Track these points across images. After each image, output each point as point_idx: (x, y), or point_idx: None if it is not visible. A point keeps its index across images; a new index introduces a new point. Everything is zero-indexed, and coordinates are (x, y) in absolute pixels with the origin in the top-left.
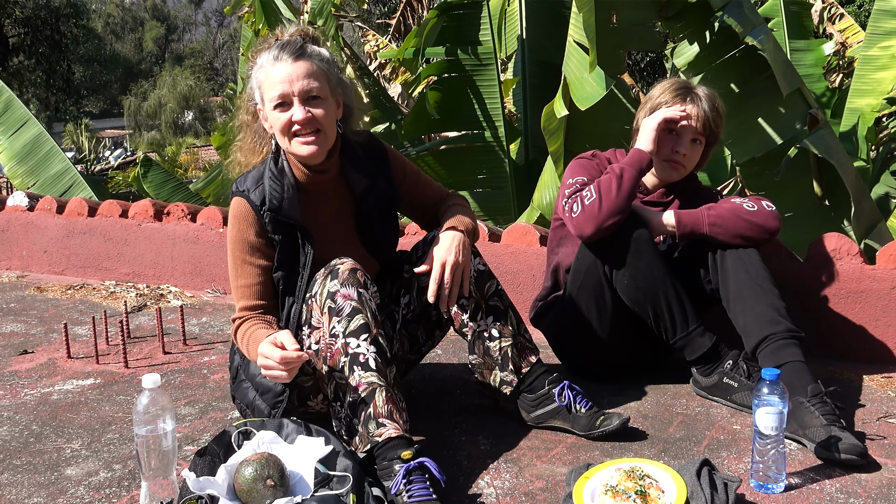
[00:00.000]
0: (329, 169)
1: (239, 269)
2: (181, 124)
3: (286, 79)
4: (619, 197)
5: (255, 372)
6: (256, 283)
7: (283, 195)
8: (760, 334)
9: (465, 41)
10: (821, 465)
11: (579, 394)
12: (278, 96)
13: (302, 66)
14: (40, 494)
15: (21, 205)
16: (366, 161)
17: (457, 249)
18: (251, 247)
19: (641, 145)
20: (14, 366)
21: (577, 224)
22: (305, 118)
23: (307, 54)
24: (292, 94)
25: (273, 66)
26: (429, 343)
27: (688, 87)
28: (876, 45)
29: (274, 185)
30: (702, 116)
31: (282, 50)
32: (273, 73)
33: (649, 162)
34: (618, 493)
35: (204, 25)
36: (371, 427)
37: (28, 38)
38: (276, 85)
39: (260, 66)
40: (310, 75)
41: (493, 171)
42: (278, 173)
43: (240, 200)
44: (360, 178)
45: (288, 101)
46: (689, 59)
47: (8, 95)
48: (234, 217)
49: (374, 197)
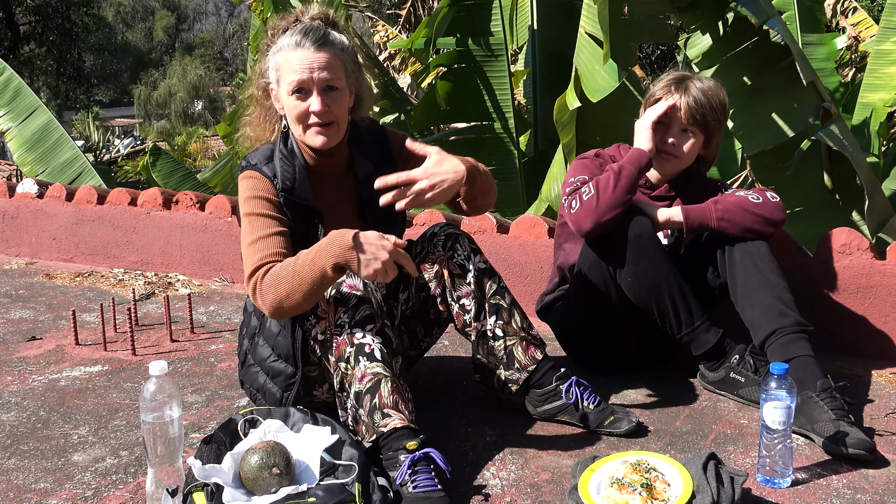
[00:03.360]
0: (337, 154)
1: (254, 224)
2: (191, 114)
3: (307, 67)
4: (616, 192)
5: (265, 356)
6: (274, 233)
7: (294, 176)
8: (769, 328)
9: (476, 32)
10: (828, 461)
11: (587, 389)
12: (297, 83)
13: (323, 55)
14: (47, 480)
15: (31, 192)
16: (372, 146)
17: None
18: (268, 202)
19: (639, 144)
20: (22, 352)
21: (576, 219)
22: (322, 110)
23: (329, 42)
24: (312, 82)
25: (294, 52)
26: (427, 340)
27: (681, 78)
28: (889, 39)
29: (285, 166)
30: (687, 107)
31: (305, 35)
32: (294, 58)
33: (649, 160)
34: (623, 486)
35: (214, 15)
36: (376, 417)
37: (39, 26)
38: (296, 72)
39: (280, 47)
40: (330, 66)
41: (503, 163)
42: (288, 154)
43: (251, 171)
44: (366, 163)
45: (307, 89)
46: (703, 51)
47: (17, 83)
48: (247, 179)
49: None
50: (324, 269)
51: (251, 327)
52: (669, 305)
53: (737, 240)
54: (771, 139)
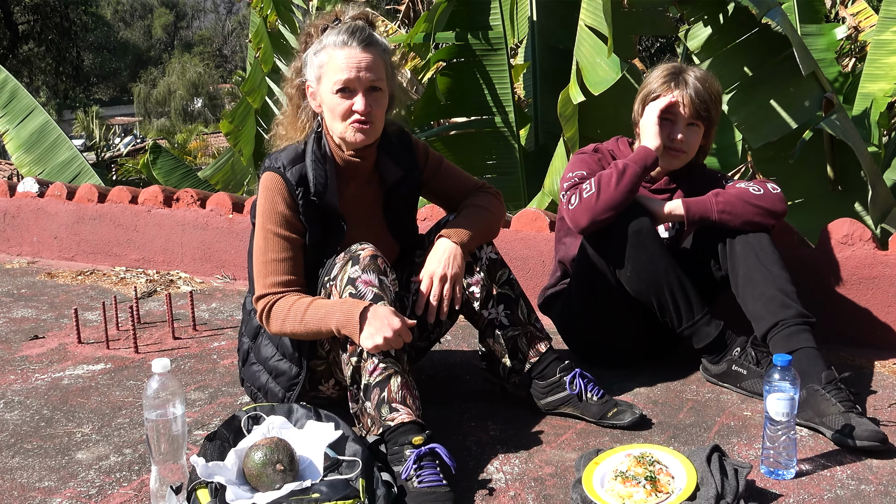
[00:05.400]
0: (368, 156)
1: (269, 242)
2: (191, 111)
3: (354, 66)
4: (616, 191)
5: (269, 355)
6: (288, 257)
7: (325, 181)
8: (771, 320)
9: (476, 26)
10: (832, 452)
11: (591, 381)
12: (344, 82)
13: (369, 56)
14: (51, 478)
15: (31, 191)
16: (401, 151)
17: (446, 261)
18: (284, 219)
19: (647, 142)
20: (25, 351)
21: (573, 216)
22: (366, 110)
23: (375, 43)
24: (358, 82)
25: (341, 50)
26: (437, 331)
27: (675, 72)
28: (889, 29)
29: (318, 170)
30: (690, 101)
31: (352, 35)
32: (339, 57)
33: (655, 160)
34: (627, 479)
35: (213, 12)
36: (384, 411)
37: (37, 25)
38: (343, 70)
39: (323, 46)
40: (375, 67)
41: (503, 157)
42: (321, 157)
43: (274, 175)
44: (395, 168)
45: (353, 88)
46: (703, 42)
47: (13, 84)
48: (266, 189)
49: (406, 187)
50: (329, 329)
51: (252, 326)
52: (669, 299)
53: (738, 232)
54: (774, 131)
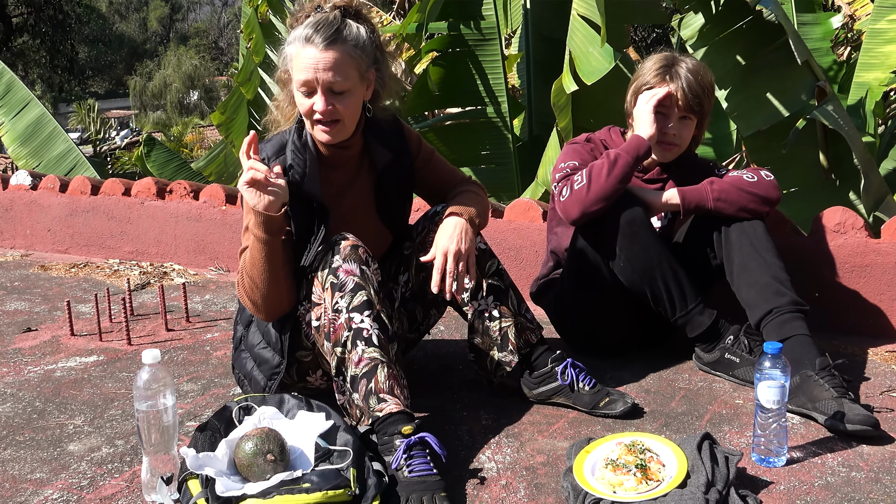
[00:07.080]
0: (352, 145)
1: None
2: (186, 104)
3: (312, 66)
4: (607, 182)
5: (255, 342)
6: None
7: (304, 170)
8: (765, 307)
9: (469, 16)
10: (822, 439)
11: (583, 371)
12: (303, 82)
13: (331, 55)
14: (43, 470)
15: (24, 184)
16: (390, 136)
17: (459, 237)
18: None
19: (641, 131)
20: (18, 343)
21: (564, 207)
22: (326, 110)
23: (341, 40)
24: (316, 83)
25: (303, 48)
26: (426, 322)
27: (668, 64)
28: (884, 17)
29: (297, 159)
30: (684, 94)
31: (316, 31)
32: (302, 55)
33: (648, 149)
34: (618, 467)
35: (208, 4)
36: (372, 402)
37: (31, 17)
38: (303, 70)
39: (293, 39)
40: (337, 66)
41: (497, 147)
42: (301, 147)
43: None
44: (384, 152)
45: (312, 88)
46: (696, 31)
47: (9, 77)
48: None
49: (396, 172)
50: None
51: (246, 315)
52: (663, 289)
53: (733, 220)
54: (766, 119)
